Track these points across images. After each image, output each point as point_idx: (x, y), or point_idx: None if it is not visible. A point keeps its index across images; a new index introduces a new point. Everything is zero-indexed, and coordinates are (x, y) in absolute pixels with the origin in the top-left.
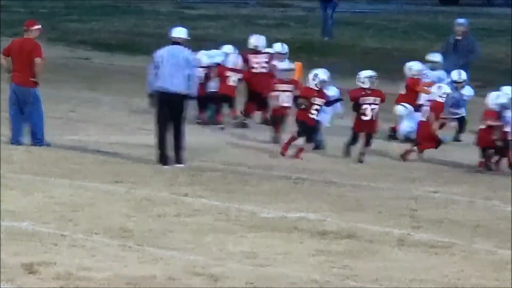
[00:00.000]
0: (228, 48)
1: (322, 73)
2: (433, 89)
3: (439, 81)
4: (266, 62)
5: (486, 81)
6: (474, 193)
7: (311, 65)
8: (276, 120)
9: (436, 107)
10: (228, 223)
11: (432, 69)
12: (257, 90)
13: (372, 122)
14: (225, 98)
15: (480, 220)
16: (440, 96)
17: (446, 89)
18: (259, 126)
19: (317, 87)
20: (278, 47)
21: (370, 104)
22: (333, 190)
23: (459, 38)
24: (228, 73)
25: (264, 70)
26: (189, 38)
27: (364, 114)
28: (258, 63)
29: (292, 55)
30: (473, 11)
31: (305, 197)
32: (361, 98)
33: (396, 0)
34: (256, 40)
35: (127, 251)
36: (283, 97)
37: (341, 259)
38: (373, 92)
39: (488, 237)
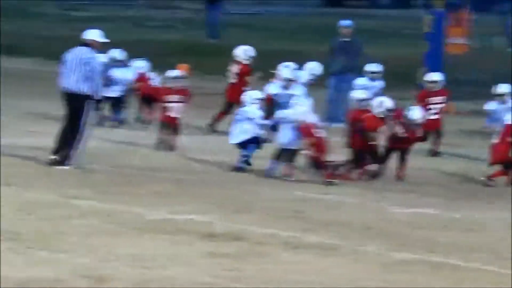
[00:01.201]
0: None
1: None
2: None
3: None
4: None
5: None
6: (363, 195)
7: (197, 67)
8: (165, 127)
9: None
10: (116, 225)
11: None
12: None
13: None
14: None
15: (369, 222)
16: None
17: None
18: (150, 128)
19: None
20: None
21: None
22: (220, 191)
23: (346, 39)
24: None
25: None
26: (102, 41)
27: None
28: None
29: (178, 58)
30: (357, 12)
31: (192, 199)
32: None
33: (281, 2)
34: None
35: (15, 253)
36: (174, 108)
37: (229, 261)
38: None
39: (377, 239)
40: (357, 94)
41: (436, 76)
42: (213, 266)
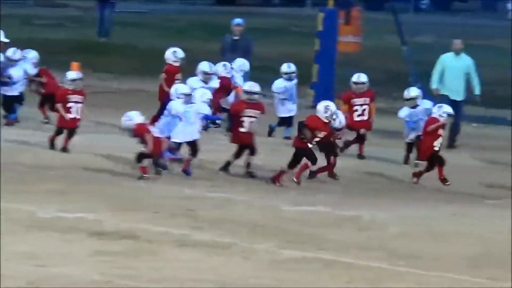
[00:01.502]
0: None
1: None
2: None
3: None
4: None
5: (265, 80)
6: (253, 193)
7: (88, 65)
8: (62, 128)
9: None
10: (8, 223)
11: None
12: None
13: None
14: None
15: (259, 220)
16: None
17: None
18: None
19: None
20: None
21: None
22: (111, 190)
23: (237, 38)
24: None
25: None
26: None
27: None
28: None
29: (69, 56)
30: (249, 11)
31: (83, 197)
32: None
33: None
34: None
35: None
36: (74, 108)
37: (120, 259)
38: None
39: (267, 237)
40: (246, 85)
41: (363, 78)
42: (103, 264)
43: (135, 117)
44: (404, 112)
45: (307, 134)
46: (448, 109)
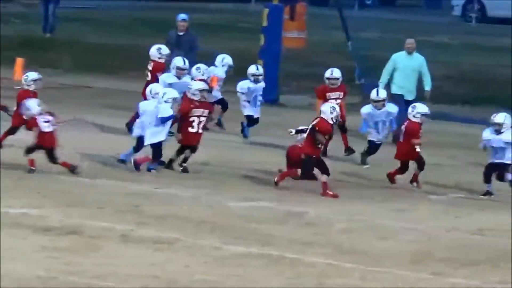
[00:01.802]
0: None
1: None
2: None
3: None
4: None
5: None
6: (198, 189)
7: (32, 62)
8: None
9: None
10: None
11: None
12: None
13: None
14: None
15: (204, 216)
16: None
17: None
18: None
19: None
20: None
21: (198, 116)
22: (55, 185)
23: (182, 33)
24: None
25: None
26: None
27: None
28: None
29: (14, 52)
30: (191, 6)
31: (27, 192)
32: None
33: None
34: None
35: None
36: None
37: (65, 255)
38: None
39: (213, 233)
40: (195, 85)
41: (337, 73)
42: (48, 259)
43: (33, 107)
44: (366, 109)
45: (321, 139)
46: (422, 109)
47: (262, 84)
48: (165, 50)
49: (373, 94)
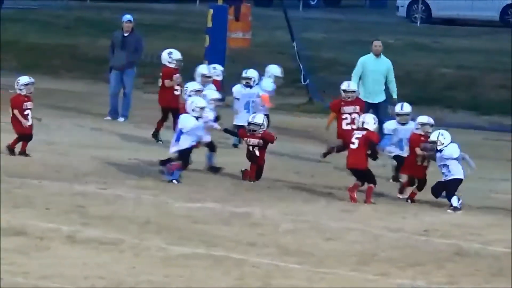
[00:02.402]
0: None
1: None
2: None
3: None
4: None
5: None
6: (143, 189)
7: None
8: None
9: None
10: None
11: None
12: None
13: None
14: None
15: (149, 216)
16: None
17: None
18: None
19: None
20: None
21: None
22: (1, 186)
23: (127, 34)
24: None
25: None
26: None
27: None
28: None
29: None
30: (136, 7)
31: None
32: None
33: None
34: None
35: None
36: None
37: (10, 256)
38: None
39: (158, 233)
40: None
41: (353, 86)
42: None
43: None
44: (391, 125)
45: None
46: (423, 119)
47: (255, 90)
48: (176, 54)
49: (397, 108)
